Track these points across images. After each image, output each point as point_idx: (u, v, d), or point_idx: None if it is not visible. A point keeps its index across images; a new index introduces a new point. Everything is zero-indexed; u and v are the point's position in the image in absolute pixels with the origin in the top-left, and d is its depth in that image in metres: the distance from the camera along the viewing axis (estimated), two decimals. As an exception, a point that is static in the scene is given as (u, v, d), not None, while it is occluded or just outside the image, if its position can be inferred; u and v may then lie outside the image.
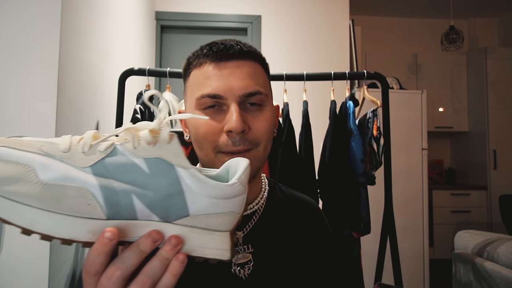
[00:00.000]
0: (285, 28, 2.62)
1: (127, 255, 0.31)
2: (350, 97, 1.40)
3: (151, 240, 0.31)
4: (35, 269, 0.94)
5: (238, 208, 0.35)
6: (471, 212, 3.52)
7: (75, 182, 0.29)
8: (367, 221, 1.30)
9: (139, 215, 0.31)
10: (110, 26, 1.50)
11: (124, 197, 0.30)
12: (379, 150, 1.37)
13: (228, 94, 0.51)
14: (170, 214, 0.32)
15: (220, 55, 0.52)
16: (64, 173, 0.29)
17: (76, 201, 0.29)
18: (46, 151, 0.30)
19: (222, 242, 0.34)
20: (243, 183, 0.35)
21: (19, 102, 0.96)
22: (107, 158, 0.31)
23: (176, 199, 0.32)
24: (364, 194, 1.31)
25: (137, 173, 0.31)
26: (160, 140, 0.32)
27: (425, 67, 3.88)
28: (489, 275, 1.36)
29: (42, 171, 0.29)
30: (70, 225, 0.29)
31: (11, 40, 0.96)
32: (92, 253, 0.30)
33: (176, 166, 0.32)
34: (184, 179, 0.32)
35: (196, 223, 0.33)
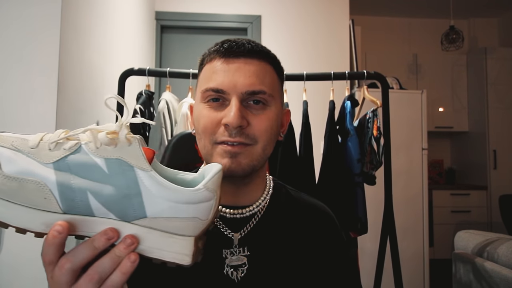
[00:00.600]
0: (285, 28, 2.63)
1: (80, 249, 0.32)
2: (349, 97, 1.40)
3: (106, 238, 0.32)
4: (35, 269, 0.94)
5: (204, 215, 0.34)
6: (471, 212, 3.52)
7: (34, 177, 0.31)
8: (364, 221, 1.30)
9: (95, 212, 0.32)
10: (110, 26, 1.50)
11: (80, 194, 0.31)
12: (379, 150, 1.37)
13: (231, 90, 0.52)
14: (128, 214, 0.32)
15: (229, 52, 0.54)
16: (26, 167, 0.31)
17: (34, 194, 0.31)
18: (16, 146, 0.32)
19: (183, 247, 0.33)
20: (211, 189, 0.34)
21: (19, 102, 0.96)
22: (70, 156, 0.32)
23: (133, 200, 0.32)
24: (360, 194, 1.31)
25: (96, 172, 0.32)
26: (120, 142, 0.33)
27: (425, 67, 3.88)
28: (489, 275, 1.36)
29: (6, 164, 0.31)
30: (25, 216, 0.31)
31: (11, 40, 0.97)
32: (45, 244, 0.32)
33: (135, 168, 0.32)
34: (142, 180, 0.32)
35: (154, 225, 0.33)
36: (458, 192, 3.55)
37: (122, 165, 0.32)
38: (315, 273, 0.58)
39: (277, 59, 0.60)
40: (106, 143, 0.32)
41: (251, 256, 0.54)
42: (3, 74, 0.96)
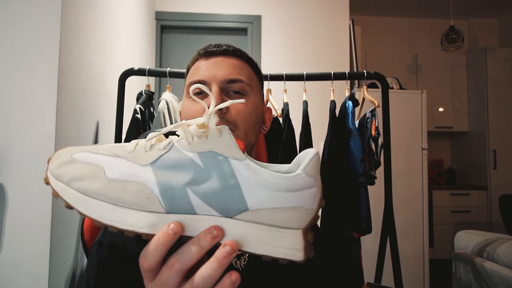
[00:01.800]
0: (285, 28, 2.63)
1: (186, 249, 0.31)
2: (350, 97, 1.40)
3: (211, 236, 0.31)
4: (35, 269, 0.95)
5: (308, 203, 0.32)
6: (471, 212, 3.52)
7: (135, 178, 0.32)
8: (369, 221, 1.30)
9: (197, 209, 0.32)
10: (110, 26, 1.50)
11: (180, 191, 0.31)
12: (377, 150, 1.37)
13: (211, 79, 0.57)
14: (229, 208, 0.31)
15: (209, 52, 0.61)
16: (127, 170, 0.32)
17: (136, 195, 0.31)
18: (116, 152, 0.33)
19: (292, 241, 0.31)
20: (311, 174, 0.32)
21: (19, 102, 0.96)
22: (165, 155, 0.32)
23: (232, 191, 0.31)
24: (364, 194, 1.31)
25: (192, 168, 0.31)
26: (210, 134, 0.32)
27: (425, 67, 3.88)
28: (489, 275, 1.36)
29: (109, 170, 0.32)
30: (132, 217, 0.31)
31: (12, 40, 0.97)
32: (153, 244, 0.30)
33: (230, 158, 0.31)
34: (239, 171, 0.31)
35: (258, 218, 0.31)
36: (458, 192, 3.55)
37: (216, 157, 0.31)
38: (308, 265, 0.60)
39: (253, 60, 0.65)
40: (197, 135, 0.32)
41: None
42: (3, 74, 0.96)
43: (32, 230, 0.95)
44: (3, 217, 0.94)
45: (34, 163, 0.96)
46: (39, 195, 0.96)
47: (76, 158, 0.33)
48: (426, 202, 2.62)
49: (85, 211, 0.31)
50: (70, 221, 1.10)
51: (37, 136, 0.96)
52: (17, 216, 0.95)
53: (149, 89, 1.43)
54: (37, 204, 0.96)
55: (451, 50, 3.38)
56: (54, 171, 0.33)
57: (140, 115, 1.32)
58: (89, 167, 0.32)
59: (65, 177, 0.32)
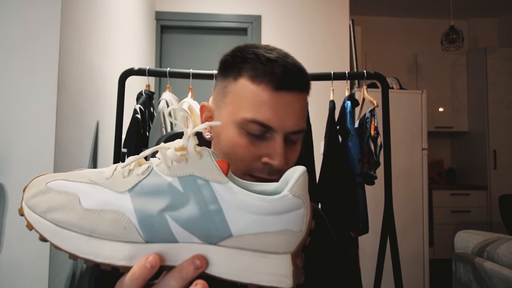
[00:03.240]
0: (285, 28, 2.63)
1: (167, 281, 0.29)
2: (349, 97, 1.40)
3: (194, 267, 0.29)
4: (35, 269, 0.95)
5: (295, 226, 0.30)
6: (471, 212, 3.52)
7: (111, 207, 0.30)
8: (365, 221, 1.31)
9: (178, 237, 0.30)
10: (110, 26, 1.50)
11: (159, 219, 0.29)
12: (377, 150, 1.37)
13: (278, 128, 0.48)
14: (211, 234, 0.29)
15: (280, 82, 0.48)
16: (103, 198, 0.30)
17: (113, 225, 0.29)
18: (94, 179, 0.31)
19: (279, 267, 0.29)
20: (298, 194, 0.30)
21: (19, 102, 0.96)
22: (144, 180, 0.30)
23: (214, 217, 0.29)
24: (361, 194, 1.32)
25: (171, 193, 0.30)
26: (190, 157, 0.30)
27: (425, 67, 3.88)
28: (489, 275, 1.36)
29: (84, 199, 0.30)
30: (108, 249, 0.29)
31: (11, 39, 0.97)
32: (129, 277, 0.29)
33: (211, 182, 0.29)
34: (221, 194, 0.29)
35: (243, 244, 0.29)
36: (458, 192, 3.55)
37: (197, 181, 0.30)
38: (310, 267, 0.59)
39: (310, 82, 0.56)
40: (176, 159, 0.30)
41: None
42: (3, 74, 0.96)
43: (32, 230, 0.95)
44: (3, 217, 0.94)
45: (34, 163, 0.96)
46: (39, 195, 0.96)
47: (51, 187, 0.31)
48: (426, 202, 2.62)
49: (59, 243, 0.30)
50: (70, 221, 1.10)
51: (37, 136, 0.96)
52: (17, 216, 0.94)
53: (149, 89, 1.43)
54: (37, 204, 0.96)
55: (451, 50, 3.38)
56: (28, 202, 0.31)
57: (140, 115, 1.32)
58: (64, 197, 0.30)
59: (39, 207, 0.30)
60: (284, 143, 0.49)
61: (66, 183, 0.31)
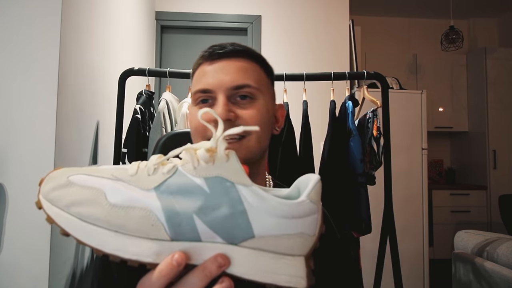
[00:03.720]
0: (285, 28, 2.63)
1: (191, 279, 0.30)
2: (350, 97, 1.40)
3: (217, 265, 0.30)
4: (35, 269, 0.95)
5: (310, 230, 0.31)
6: (470, 212, 3.53)
7: (139, 204, 0.30)
8: (368, 221, 1.30)
9: (202, 237, 0.30)
10: (110, 26, 1.50)
11: (186, 217, 0.30)
12: (379, 150, 1.37)
13: (217, 88, 0.54)
14: (235, 235, 0.30)
15: (213, 54, 0.57)
16: (130, 195, 0.31)
17: (140, 222, 0.30)
18: (117, 175, 0.32)
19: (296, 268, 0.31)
20: (314, 200, 0.32)
21: (19, 102, 0.96)
22: (169, 179, 0.31)
23: (239, 219, 0.30)
24: (364, 194, 1.31)
25: (198, 193, 0.30)
26: (218, 158, 0.31)
27: (425, 67, 3.88)
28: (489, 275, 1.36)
29: (111, 194, 0.31)
30: (135, 246, 0.30)
31: (12, 40, 0.97)
32: (156, 275, 0.29)
33: (236, 184, 0.30)
34: (246, 197, 0.30)
35: (263, 245, 0.30)
36: (458, 192, 3.55)
37: (223, 183, 0.30)
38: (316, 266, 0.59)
39: (263, 57, 0.61)
40: (205, 160, 0.31)
41: None
42: (3, 74, 0.96)
43: (32, 230, 0.95)
44: (3, 217, 0.94)
45: (34, 163, 0.96)
46: (39, 195, 0.96)
47: (73, 181, 0.31)
48: (426, 202, 2.62)
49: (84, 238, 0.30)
50: (70, 221, 1.10)
51: (37, 136, 0.96)
52: (17, 216, 0.95)
53: (149, 89, 1.43)
54: (37, 204, 0.96)
55: (451, 50, 3.38)
56: (48, 195, 0.31)
57: (140, 115, 1.32)
58: (89, 191, 0.31)
59: (61, 201, 0.30)
60: (231, 102, 0.54)
61: (89, 178, 0.32)
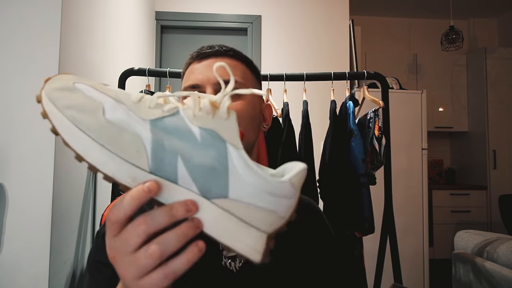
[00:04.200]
0: (285, 28, 2.63)
1: (158, 213, 0.31)
2: (350, 97, 1.40)
3: (185, 208, 0.30)
4: (35, 268, 0.95)
5: (282, 211, 0.32)
6: (471, 212, 3.53)
7: (132, 128, 0.31)
8: (371, 221, 1.30)
9: (179, 180, 0.31)
10: (110, 26, 1.50)
11: (170, 155, 0.31)
12: (381, 150, 1.37)
13: (205, 83, 0.58)
14: (210, 189, 0.31)
15: (200, 53, 0.61)
16: (127, 118, 0.32)
17: (127, 144, 0.31)
18: (120, 98, 0.33)
19: (256, 241, 0.32)
20: (294, 185, 0.32)
21: (19, 102, 0.96)
22: (167, 118, 0.32)
23: (218, 174, 0.31)
24: (366, 194, 1.31)
25: (189, 139, 0.31)
26: (218, 113, 0.32)
27: (425, 67, 3.88)
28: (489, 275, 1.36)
29: (109, 111, 0.31)
30: (116, 165, 0.31)
31: (11, 39, 0.97)
32: (127, 197, 0.30)
33: (227, 143, 0.31)
34: (232, 157, 0.31)
35: (233, 209, 0.31)
36: (458, 192, 3.55)
37: (215, 138, 0.31)
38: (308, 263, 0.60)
39: (249, 58, 0.65)
40: (206, 111, 0.32)
41: None
42: (3, 74, 0.96)
43: (32, 230, 0.95)
44: (3, 217, 0.94)
45: (34, 163, 0.96)
46: (39, 194, 0.96)
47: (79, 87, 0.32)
48: (426, 202, 2.62)
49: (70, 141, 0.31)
50: (70, 221, 1.10)
51: (37, 136, 0.96)
52: (17, 216, 0.95)
53: (149, 89, 1.43)
54: (37, 204, 0.96)
55: (451, 50, 3.39)
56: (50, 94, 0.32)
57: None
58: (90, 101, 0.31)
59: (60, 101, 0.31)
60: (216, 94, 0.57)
61: (94, 91, 0.32)
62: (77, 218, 1.15)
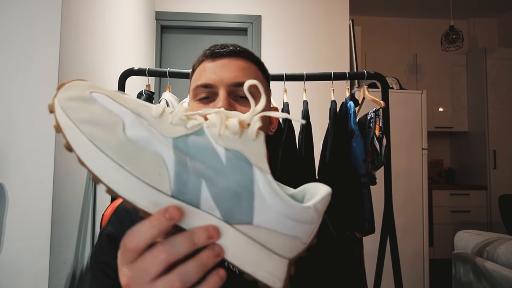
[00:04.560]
0: (285, 28, 2.63)
1: (178, 240, 0.29)
2: (351, 97, 1.40)
3: (207, 235, 0.29)
4: (35, 269, 0.95)
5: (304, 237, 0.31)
6: (471, 212, 3.53)
7: (154, 147, 0.28)
8: (372, 221, 1.30)
9: (202, 205, 0.29)
10: (110, 26, 1.50)
11: (194, 179, 0.29)
12: (382, 150, 1.36)
13: (218, 83, 0.56)
14: (233, 215, 0.29)
15: (215, 53, 0.60)
16: (148, 135, 0.29)
17: (149, 166, 0.28)
18: (140, 112, 0.30)
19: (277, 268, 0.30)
20: (319, 211, 0.31)
21: (19, 102, 0.96)
22: (191, 136, 0.29)
23: (244, 200, 0.29)
24: (367, 194, 1.31)
25: (213, 161, 0.29)
26: (246, 134, 0.30)
27: (425, 67, 3.88)
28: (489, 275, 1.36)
29: (129, 127, 0.29)
30: (135, 188, 0.28)
31: (12, 40, 0.97)
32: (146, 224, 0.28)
33: (254, 167, 0.29)
34: (258, 182, 0.29)
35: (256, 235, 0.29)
36: (458, 192, 3.55)
37: (241, 160, 0.29)
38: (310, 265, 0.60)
39: (260, 60, 0.64)
40: (234, 131, 0.29)
41: None
42: (3, 74, 0.96)
43: (32, 230, 0.95)
44: (3, 217, 0.94)
45: (34, 163, 0.96)
46: (39, 195, 0.96)
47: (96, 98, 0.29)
48: (426, 202, 2.62)
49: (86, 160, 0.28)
50: (71, 221, 1.10)
51: (37, 136, 0.96)
52: (17, 216, 0.95)
53: (149, 89, 1.43)
54: (37, 204, 0.96)
55: (451, 50, 3.38)
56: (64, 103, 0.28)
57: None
58: (108, 115, 0.28)
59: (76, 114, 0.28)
60: (231, 98, 0.56)
61: (113, 102, 0.29)
62: (77, 218, 1.15)
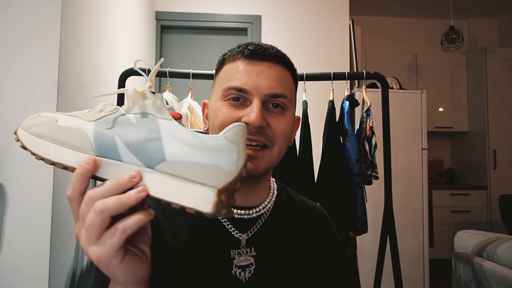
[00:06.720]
0: (285, 28, 2.63)
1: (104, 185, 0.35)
2: (348, 97, 1.40)
3: (128, 176, 0.34)
4: (35, 269, 0.95)
5: (226, 165, 0.34)
6: (471, 212, 3.53)
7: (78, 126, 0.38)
8: (364, 221, 1.30)
9: (123, 157, 0.36)
10: (110, 26, 1.50)
11: (109, 138, 0.36)
12: (371, 150, 1.37)
13: (254, 90, 0.53)
14: (150, 158, 0.35)
15: (254, 54, 0.55)
16: (75, 122, 0.38)
17: (74, 138, 0.37)
18: (74, 113, 0.40)
19: (203, 194, 0.33)
20: (230, 139, 0.35)
21: (19, 102, 0.96)
22: (109, 115, 0.38)
23: (154, 142, 0.35)
24: (360, 193, 1.31)
25: (125, 123, 0.37)
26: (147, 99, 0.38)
27: (425, 67, 3.88)
28: (489, 275, 1.36)
29: (61, 121, 0.39)
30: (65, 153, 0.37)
31: (12, 40, 0.97)
32: (74, 175, 0.36)
33: (158, 118, 0.36)
34: (164, 126, 0.36)
35: (175, 170, 0.34)
36: (458, 192, 3.55)
37: (148, 116, 0.37)
38: (316, 274, 0.60)
39: (294, 66, 0.61)
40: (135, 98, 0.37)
41: (258, 256, 0.55)
42: (3, 74, 0.96)
43: (32, 230, 0.95)
44: (3, 217, 0.94)
45: (34, 163, 0.96)
46: (39, 195, 0.96)
47: (42, 114, 0.40)
48: (426, 202, 2.62)
49: (33, 148, 0.38)
50: (70, 221, 1.10)
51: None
52: (17, 216, 0.95)
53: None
54: (37, 204, 0.96)
55: (451, 50, 3.38)
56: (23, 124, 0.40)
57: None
58: (47, 119, 0.39)
59: (28, 125, 0.39)
60: (263, 106, 0.54)
61: (52, 113, 0.40)
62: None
